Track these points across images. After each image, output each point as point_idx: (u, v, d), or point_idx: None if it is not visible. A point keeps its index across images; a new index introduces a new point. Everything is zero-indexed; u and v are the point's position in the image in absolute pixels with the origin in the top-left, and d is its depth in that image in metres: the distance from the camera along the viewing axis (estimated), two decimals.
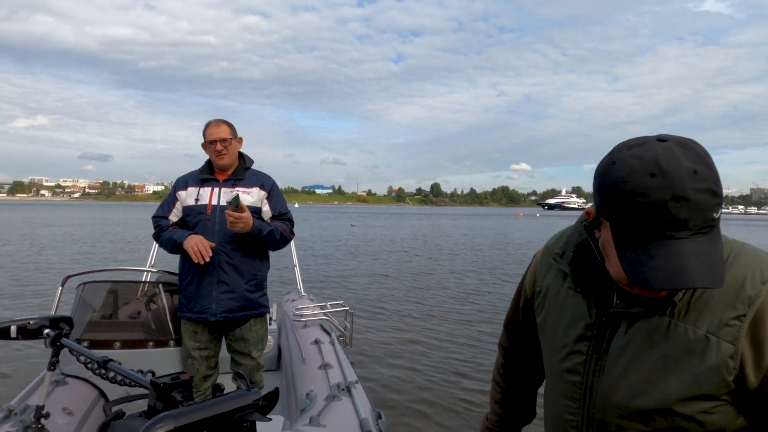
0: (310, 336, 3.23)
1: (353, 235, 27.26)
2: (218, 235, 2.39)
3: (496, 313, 7.87)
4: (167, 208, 2.53)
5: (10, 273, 10.80)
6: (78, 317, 2.52)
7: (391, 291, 9.73)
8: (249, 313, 2.47)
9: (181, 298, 2.50)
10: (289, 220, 2.57)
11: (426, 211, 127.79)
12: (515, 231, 34.46)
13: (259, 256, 2.52)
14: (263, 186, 2.52)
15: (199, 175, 2.53)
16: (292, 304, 4.16)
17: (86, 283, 2.60)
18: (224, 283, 2.40)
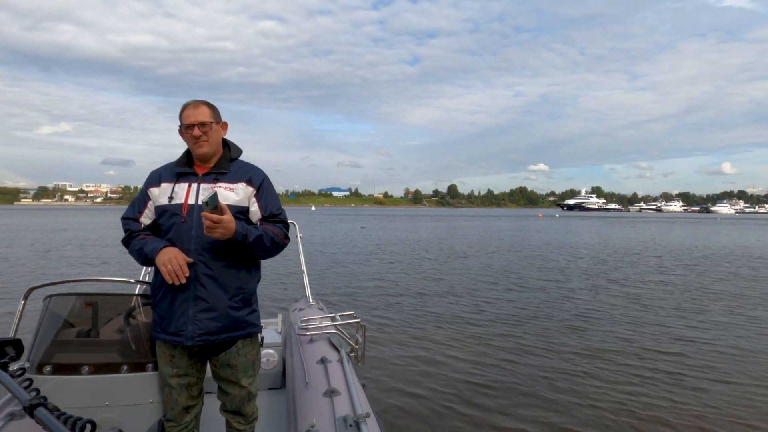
0: (316, 353, 2.83)
1: (365, 237, 26.81)
2: (195, 241, 1.97)
3: (517, 324, 7.37)
4: (138, 208, 2.12)
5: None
6: (42, 336, 2.15)
7: (402, 298, 9.27)
8: (234, 334, 2.04)
9: (154, 316, 2.10)
10: (283, 222, 2.12)
11: (443, 212, 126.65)
12: (535, 233, 33.61)
13: (245, 266, 2.08)
14: (251, 181, 2.07)
15: (174, 168, 2.10)
16: (298, 314, 3.77)
17: (52, 296, 2.22)
18: (202, 299, 1.97)
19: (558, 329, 6.75)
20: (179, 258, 1.91)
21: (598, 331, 6.65)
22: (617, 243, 23.81)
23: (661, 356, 5.67)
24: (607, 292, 9.63)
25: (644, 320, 7.31)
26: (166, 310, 2.01)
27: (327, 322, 3.20)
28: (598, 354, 5.68)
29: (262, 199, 2.09)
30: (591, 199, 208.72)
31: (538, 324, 6.97)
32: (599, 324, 7.01)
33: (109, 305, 2.28)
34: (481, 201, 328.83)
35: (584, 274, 12.32)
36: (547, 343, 6.04)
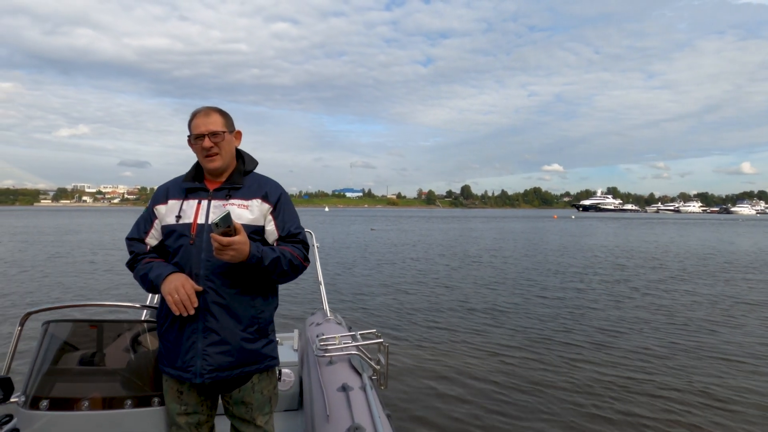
0: (336, 378, 2.61)
1: (377, 240, 26.59)
2: (205, 266, 1.76)
3: (538, 341, 7.07)
4: (143, 227, 1.91)
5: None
6: (40, 366, 1.96)
7: (415, 309, 9.02)
8: (249, 369, 1.83)
9: (160, 347, 1.89)
10: (302, 243, 1.89)
11: (456, 213, 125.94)
12: (551, 235, 33.08)
13: (261, 292, 1.85)
14: (267, 197, 1.86)
15: (182, 184, 1.89)
16: (316, 329, 3.56)
17: (51, 322, 2.03)
18: (212, 331, 1.75)
19: (580, 344, 6.39)
20: (187, 286, 1.70)
21: (623, 347, 6.24)
22: (637, 246, 23.26)
23: (696, 377, 5.27)
24: (631, 303, 9.25)
25: (674, 335, 6.87)
26: (172, 342, 1.81)
27: (347, 342, 2.98)
28: (626, 374, 5.32)
29: (279, 217, 1.87)
30: (607, 200, 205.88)
31: (560, 339, 6.60)
32: (624, 339, 6.61)
33: (112, 332, 2.09)
34: (495, 202, 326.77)
35: (604, 282, 11.95)
36: (570, 363, 5.67)
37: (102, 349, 2.11)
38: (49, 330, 2.03)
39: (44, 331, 2.03)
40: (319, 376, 2.66)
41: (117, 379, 2.04)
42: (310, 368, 2.91)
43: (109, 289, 9.85)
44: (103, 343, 2.09)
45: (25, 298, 9.19)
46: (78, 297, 9.05)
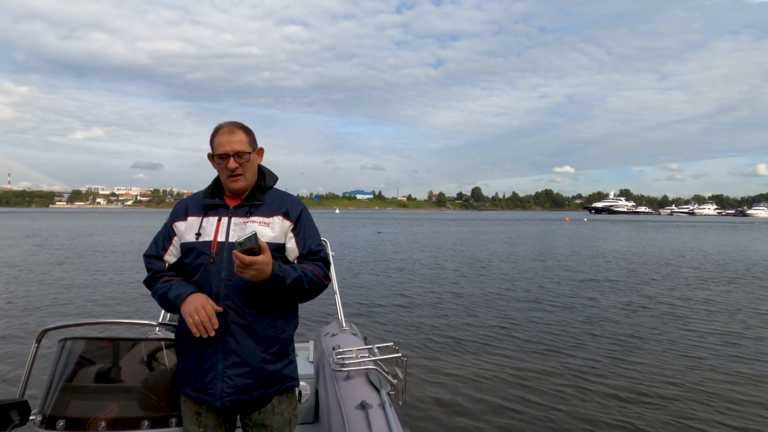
0: (355, 393, 2.56)
1: (386, 244, 26.52)
2: (225, 285, 1.72)
3: (551, 353, 6.93)
4: (162, 244, 1.87)
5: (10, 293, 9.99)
6: (56, 384, 1.94)
7: (423, 317, 8.93)
8: (269, 391, 1.79)
9: (179, 366, 1.86)
10: (323, 261, 1.85)
11: (467, 216, 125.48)
12: (563, 239, 32.76)
13: (281, 312, 1.81)
14: (288, 214, 1.82)
15: (201, 200, 1.85)
16: (331, 340, 3.51)
17: (68, 339, 2.01)
18: (233, 352, 1.72)
19: (597, 358, 6.18)
20: (207, 308, 1.66)
21: (639, 362, 5.96)
22: (651, 251, 22.93)
23: (716, 393, 5.12)
24: (646, 313, 9.02)
25: (692, 350, 6.58)
26: (191, 363, 1.77)
27: (365, 355, 2.93)
28: (645, 394, 5.10)
29: (300, 235, 1.83)
30: (620, 202, 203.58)
31: (575, 354, 6.38)
32: (639, 354, 6.33)
33: (129, 349, 2.07)
34: (506, 204, 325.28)
35: (617, 289, 11.76)
36: (585, 377, 5.48)
37: (118, 366, 2.08)
38: (65, 347, 2.01)
39: (61, 348, 2.00)
40: (336, 392, 2.61)
41: (134, 397, 2.01)
42: (327, 382, 2.87)
43: (124, 301, 9.88)
44: (119, 360, 2.07)
45: (40, 309, 9.24)
46: (93, 306, 9.07)
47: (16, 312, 8.45)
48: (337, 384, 2.71)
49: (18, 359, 5.86)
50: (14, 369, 5.52)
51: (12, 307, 8.85)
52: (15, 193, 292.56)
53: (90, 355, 2.07)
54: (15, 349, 6.26)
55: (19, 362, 5.74)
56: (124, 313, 8.24)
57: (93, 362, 2.07)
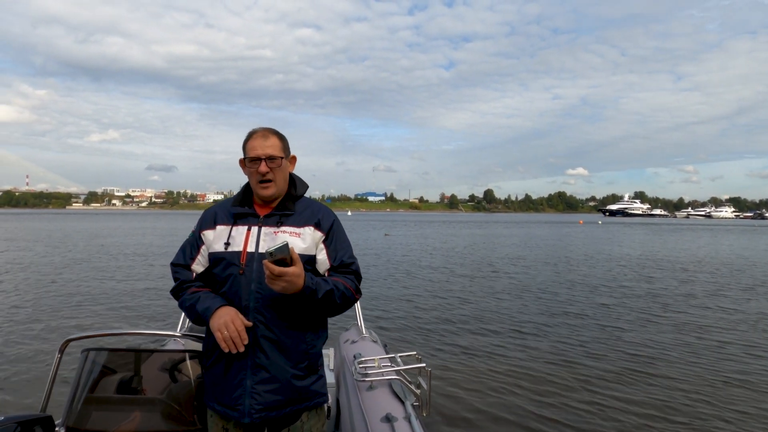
0: (378, 405, 2.50)
1: (399, 247, 26.41)
2: (255, 298, 1.67)
3: (565, 364, 6.77)
4: (189, 253, 1.82)
5: (29, 303, 9.59)
6: (79, 395, 1.92)
7: (432, 323, 8.84)
8: (299, 407, 1.74)
9: (206, 380, 1.81)
10: (355, 273, 1.80)
11: (479, 218, 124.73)
12: (578, 242, 32.36)
13: (311, 326, 1.76)
14: (320, 224, 1.76)
15: (230, 208, 1.80)
16: (352, 348, 3.45)
17: (91, 350, 1.99)
18: (262, 368, 1.67)
19: (612, 371, 6.06)
20: (237, 322, 1.61)
21: (659, 377, 5.64)
22: (667, 255, 22.56)
23: (735, 407, 4.96)
24: (667, 321, 8.84)
25: (714, 362, 6.33)
26: (219, 377, 1.72)
27: (387, 364, 2.87)
28: (669, 408, 4.89)
29: (331, 246, 1.77)
30: (635, 205, 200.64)
31: (598, 365, 6.17)
32: (657, 367, 6.01)
33: (152, 360, 2.04)
34: (519, 206, 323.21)
35: (633, 295, 11.57)
36: (607, 395, 5.32)
37: (141, 377, 2.06)
38: (89, 357, 1.99)
39: (84, 359, 1.99)
40: (360, 403, 2.56)
41: (157, 409, 1.98)
42: (349, 392, 2.81)
43: (145, 307, 9.93)
44: (142, 371, 2.04)
45: (60, 314, 9.31)
46: (113, 312, 9.09)
47: (37, 316, 8.53)
48: (360, 395, 2.66)
49: (34, 363, 5.89)
50: (28, 372, 5.55)
51: (34, 313, 8.94)
52: (33, 195, 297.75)
53: (112, 365, 2.05)
54: (31, 353, 6.30)
55: (36, 367, 5.77)
56: (144, 317, 8.26)
57: (115, 371, 2.05)
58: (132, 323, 7.83)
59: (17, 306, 9.22)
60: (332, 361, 3.57)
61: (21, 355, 6.07)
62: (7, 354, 6.13)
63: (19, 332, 7.18)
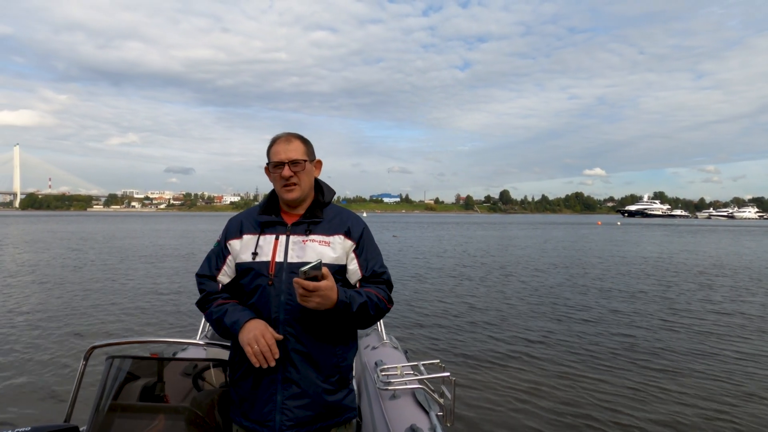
0: (402, 415, 2.46)
1: (409, 249, 26.30)
2: (285, 310, 1.63)
3: (599, 368, 6.63)
4: (215, 264, 1.78)
5: (55, 308, 9.55)
6: (103, 404, 1.91)
7: (458, 327, 8.75)
8: (329, 423, 1.69)
9: (232, 394, 1.77)
10: (386, 283, 1.76)
11: (495, 219, 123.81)
12: (597, 244, 31.86)
13: (342, 337, 1.71)
14: (350, 233, 1.72)
15: (257, 217, 1.76)
16: (373, 354, 3.42)
17: (115, 358, 1.98)
18: (293, 382, 1.63)
19: (643, 384, 5.92)
20: (267, 336, 1.57)
21: (686, 394, 5.35)
22: (695, 258, 22.07)
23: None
24: (688, 332, 8.64)
25: (740, 376, 6.16)
26: (247, 392, 1.69)
27: (410, 373, 2.83)
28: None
29: (362, 256, 1.73)
30: (654, 205, 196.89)
31: (628, 377, 5.95)
32: (684, 384, 5.75)
33: (176, 369, 2.03)
34: (535, 207, 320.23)
35: (656, 299, 11.34)
36: (643, 402, 5.25)
37: (164, 383, 2.05)
38: (113, 365, 1.98)
39: (109, 366, 1.98)
40: (383, 412, 2.52)
41: (180, 417, 1.97)
42: (372, 401, 2.77)
43: (167, 313, 10.02)
44: (165, 378, 2.03)
45: (85, 318, 9.42)
46: (136, 316, 9.19)
47: (60, 320, 8.66)
48: (383, 404, 2.62)
49: (58, 368, 5.97)
50: (52, 377, 5.62)
51: (58, 316, 9.08)
52: (55, 197, 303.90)
53: (136, 372, 2.04)
54: (54, 357, 6.39)
55: (60, 372, 5.84)
56: (166, 322, 8.31)
57: (138, 377, 2.05)
58: (153, 326, 7.90)
59: (41, 310, 9.38)
60: (353, 368, 3.53)
61: (44, 360, 6.14)
62: (32, 359, 6.21)
63: (44, 335, 7.30)
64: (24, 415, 4.44)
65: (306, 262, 1.62)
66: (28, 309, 9.25)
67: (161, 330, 7.62)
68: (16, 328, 7.67)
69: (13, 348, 6.58)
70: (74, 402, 2.05)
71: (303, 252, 1.66)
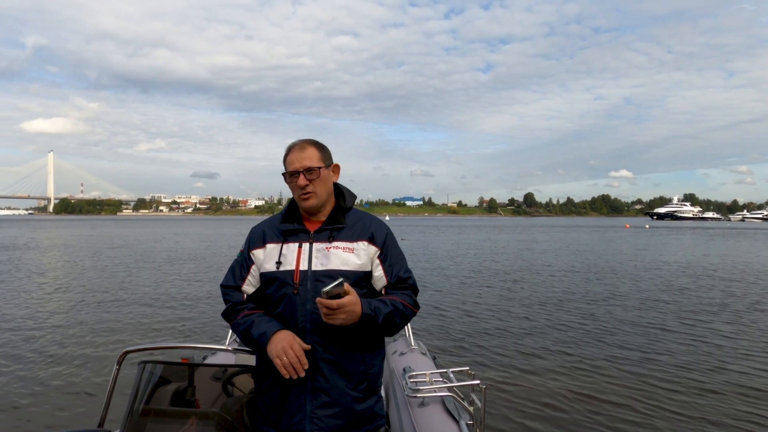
0: (432, 424, 2.42)
1: (431, 253, 26.14)
2: (311, 318, 1.61)
3: (633, 380, 6.41)
4: (240, 274, 1.78)
5: (87, 312, 9.66)
6: (136, 408, 1.93)
7: (484, 333, 8.62)
8: (359, 431, 1.68)
9: (259, 404, 1.76)
10: (412, 288, 1.74)
11: (519, 222, 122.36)
12: (627, 248, 31.08)
13: (370, 346, 1.70)
14: (373, 239, 1.71)
15: (279, 225, 1.75)
16: (401, 361, 3.38)
17: (147, 363, 2.01)
18: (322, 391, 1.62)
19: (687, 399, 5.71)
20: (295, 347, 1.57)
21: (728, 416, 5.14)
22: (745, 267, 21.36)
23: None
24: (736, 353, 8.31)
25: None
26: (276, 402, 1.67)
27: (439, 380, 2.78)
28: None
29: (387, 262, 1.71)
30: (685, 207, 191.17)
31: (666, 386, 5.80)
32: (726, 402, 5.61)
33: (206, 373, 2.05)
34: (560, 209, 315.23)
35: (707, 311, 10.96)
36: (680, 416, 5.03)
37: (195, 387, 2.06)
38: (146, 369, 2.01)
39: (141, 371, 2.00)
40: (411, 420, 2.48)
41: (211, 422, 1.98)
42: (400, 408, 2.74)
43: (197, 316, 10.16)
44: (196, 385, 2.05)
45: (117, 320, 9.61)
46: (167, 320, 9.34)
47: (93, 322, 8.87)
48: (411, 411, 2.58)
49: (92, 372, 6.09)
50: (86, 380, 5.73)
51: (90, 318, 9.29)
52: (87, 202, 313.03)
53: (167, 376, 2.07)
54: (88, 360, 6.53)
55: (94, 375, 5.96)
56: (196, 326, 8.41)
57: (170, 381, 2.07)
58: (183, 331, 8.01)
59: (76, 310, 9.63)
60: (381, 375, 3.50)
61: (79, 363, 6.25)
62: (67, 362, 6.33)
63: (77, 337, 7.48)
64: (59, 419, 4.54)
65: (330, 270, 1.62)
66: (61, 311, 9.51)
67: (193, 334, 7.73)
68: (51, 331, 7.88)
69: (49, 351, 6.75)
70: (108, 406, 2.08)
71: (327, 259, 1.64)
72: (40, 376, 5.64)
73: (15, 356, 6.41)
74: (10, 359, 6.28)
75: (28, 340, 7.25)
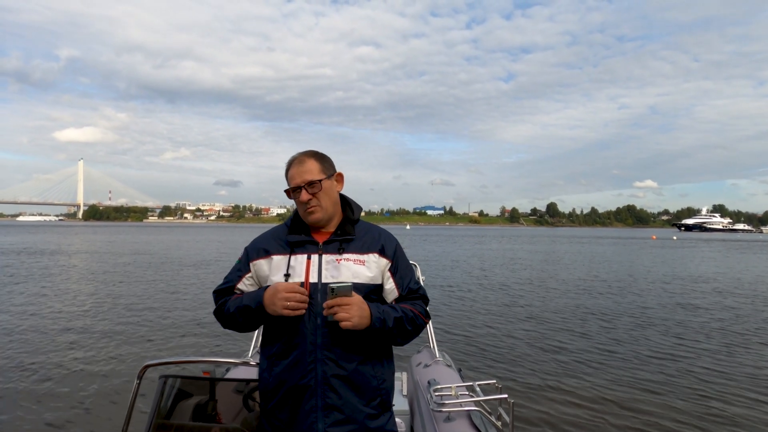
0: None
1: (451, 264, 25.88)
2: (322, 333, 1.55)
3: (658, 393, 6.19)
4: (234, 278, 1.76)
5: (111, 321, 9.58)
6: (156, 422, 1.88)
7: (506, 345, 8.43)
8: None
9: (265, 425, 1.68)
10: (422, 298, 1.70)
11: (541, 233, 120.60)
12: (657, 261, 30.28)
13: (380, 359, 1.64)
14: (384, 251, 1.66)
15: (287, 237, 1.69)
16: (425, 373, 3.27)
17: (169, 377, 1.95)
18: (335, 409, 1.54)
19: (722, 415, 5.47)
20: (290, 286, 1.53)
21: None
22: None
23: None
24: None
25: None
26: (285, 422, 1.59)
27: (465, 394, 2.67)
28: None
29: (397, 274, 1.66)
30: (714, 219, 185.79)
31: (695, 406, 5.56)
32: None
33: (227, 387, 1.99)
34: (584, 220, 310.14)
35: (744, 329, 10.55)
36: None
37: (216, 401, 2.01)
38: (167, 384, 1.96)
39: (162, 385, 1.95)
40: None
41: None
42: (425, 423, 2.63)
43: (218, 332, 10.18)
44: (217, 399, 2.00)
45: (136, 335, 9.69)
46: (184, 336, 9.30)
47: (115, 334, 8.96)
48: (437, 426, 2.48)
49: (113, 385, 6.11)
50: (107, 393, 5.74)
51: (112, 329, 9.39)
52: (114, 209, 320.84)
53: (188, 390, 2.02)
54: (109, 373, 6.57)
55: (115, 389, 5.98)
56: (216, 340, 8.39)
57: (191, 395, 2.02)
58: (205, 345, 7.98)
59: (96, 320, 9.76)
60: (405, 387, 3.40)
61: (100, 376, 6.16)
62: (89, 374, 6.26)
63: (99, 348, 7.50)
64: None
65: (341, 281, 1.57)
66: (84, 322, 9.64)
67: (215, 347, 7.71)
68: (75, 343, 7.98)
69: (70, 364, 6.76)
70: (128, 421, 2.03)
71: (338, 272, 1.59)
72: (60, 392, 5.56)
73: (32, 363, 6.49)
74: (25, 367, 6.36)
75: (55, 344, 7.34)
